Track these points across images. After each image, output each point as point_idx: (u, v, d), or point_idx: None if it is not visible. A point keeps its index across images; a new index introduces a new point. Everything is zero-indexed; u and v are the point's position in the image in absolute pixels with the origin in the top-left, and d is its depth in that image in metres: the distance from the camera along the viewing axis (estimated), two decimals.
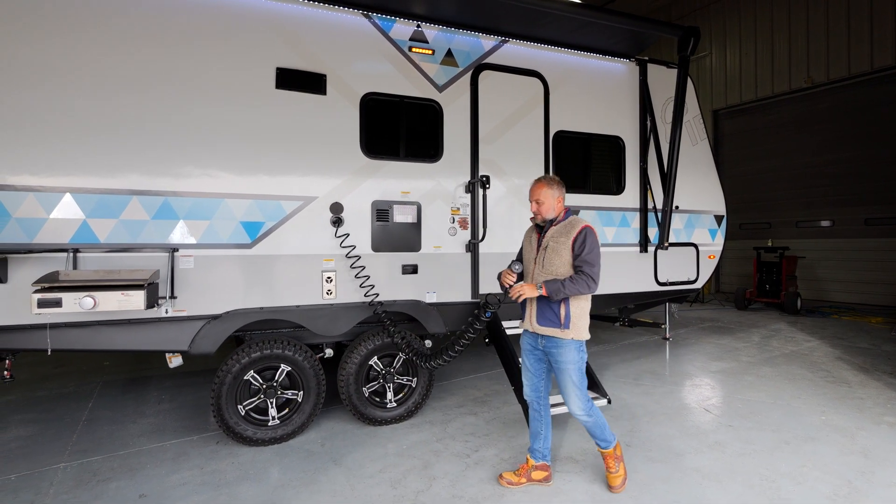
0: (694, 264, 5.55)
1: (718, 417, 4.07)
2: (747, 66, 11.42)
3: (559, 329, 2.75)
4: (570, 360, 2.76)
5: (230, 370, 3.49)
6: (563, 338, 2.76)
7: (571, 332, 2.74)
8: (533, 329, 2.87)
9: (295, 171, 3.72)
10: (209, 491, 2.98)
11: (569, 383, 2.79)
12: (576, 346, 2.77)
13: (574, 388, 2.79)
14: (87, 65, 3.17)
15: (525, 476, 3.00)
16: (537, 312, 2.83)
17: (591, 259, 2.71)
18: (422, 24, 4.20)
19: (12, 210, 3.01)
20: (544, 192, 2.86)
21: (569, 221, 2.84)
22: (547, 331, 2.80)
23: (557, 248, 2.78)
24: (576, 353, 2.77)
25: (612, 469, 2.92)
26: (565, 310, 2.73)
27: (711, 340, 6.93)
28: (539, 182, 2.90)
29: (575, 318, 2.75)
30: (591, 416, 2.85)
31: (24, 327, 3.08)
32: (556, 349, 2.79)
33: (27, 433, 3.87)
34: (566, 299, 2.74)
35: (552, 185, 2.87)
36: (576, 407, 2.81)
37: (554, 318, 2.76)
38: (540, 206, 2.88)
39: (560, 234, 2.81)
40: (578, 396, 2.80)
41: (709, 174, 5.72)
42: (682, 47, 5.00)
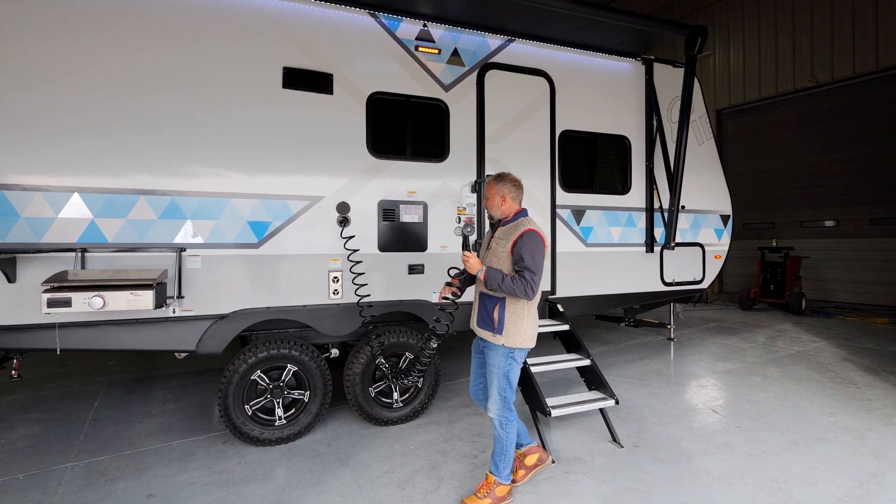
0: (700, 264, 5.53)
1: (726, 418, 4.05)
2: (751, 66, 11.39)
3: (491, 333, 2.73)
4: (497, 365, 2.73)
5: (237, 370, 3.49)
6: (493, 342, 2.73)
7: (503, 338, 2.68)
8: (473, 329, 2.88)
9: (301, 171, 3.71)
10: (217, 491, 2.97)
11: (493, 386, 2.77)
12: (504, 352, 2.71)
13: (496, 392, 2.75)
14: (94, 65, 3.17)
15: (522, 468, 3.04)
16: (477, 315, 2.83)
17: (532, 266, 2.56)
18: (428, 24, 4.19)
19: (20, 210, 3.00)
20: (491, 188, 2.80)
21: (515, 223, 2.73)
22: (482, 333, 2.80)
23: (497, 249, 2.72)
24: (503, 360, 2.72)
25: (479, 493, 2.75)
26: (499, 314, 2.68)
27: (716, 341, 6.91)
28: (491, 182, 2.83)
29: (508, 324, 2.67)
30: (503, 430, 2.77)
31: (32, 327, 3.08)
32: (488, 351, 2.81)
33: (34, 432, 3.87)
34: (501, 304, 2.67)
35: (500, 182, 2.79)
36: (492, 410, 2.77)
37: (489, 321, 2.73)
38: (486, 200, 2.84)
39: (503, 237, 2.73)
40: (497, 401, 2.75)
41: (715, 174, 5.70)
42: (689, 46, 4.99)
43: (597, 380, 3.88)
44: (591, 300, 4.93)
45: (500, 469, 2.78)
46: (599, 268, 4.93)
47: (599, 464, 3.27)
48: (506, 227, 2.76)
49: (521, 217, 2.76)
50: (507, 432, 2.77)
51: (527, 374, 3.65)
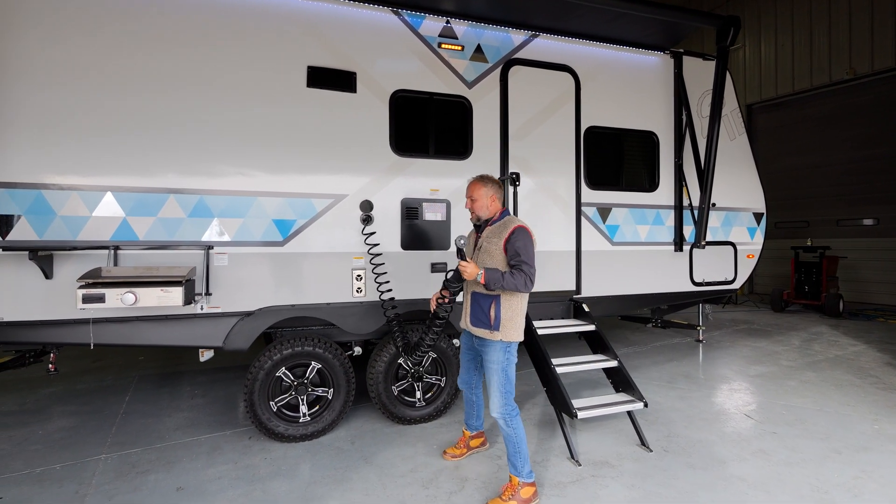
0: (731, 264, 5.35)
1: (761, 424, 3.89)
2: (783, 59, 10.98)
3: (488, 330, 2.79)
4: (496, 361, 2.81)
5: (262, 366, 3.53)
6: (491, 339, 2.80)
7: (500, 333, 2.77)
8: (467, 328, 2.96)
9: (325, 169, 3.73)
10: (243, 485, 3.01)
11: (493, 382, 2.83)
12: (502, 347, 2.79)
13: (496, 389, 2.81)
14: (125, 66, 3.24)
15: (465, 446, 3.34)
16: (471, 313, 2.89)
17: (528, 259, 2.69)
18: (451, 20, 4.16)
19: (57, 208, 3.10)
20: (478, 190, 2.89)
21: (503, 222, 2.84)
22: (477, 331, 2.86)
23: (490, 248, 2.80)
24: (501, 354, 2.79)
25: (503, 496, 2.74)
26: (495, 311, 2.76)
27: (748, 343, 6.67)
28: (474, 180, 2.94)
29: (504, 319, 2.76)
30: (509, 427, 2.78)
31: (68, 322, 3.17)
32: (484, 348, 2.87)
33: (70, 424, 3.99)
34: (497, 301, 2.76)
35: (486, 184, 2.89)
36: (495, 408, 2.81)
37: (485, 318, 2.80)
38: (473, 202, 2.91)
39: (493, 235, 2.82)
40: (499, 398, 2.80)
41: (747, 170, 5.50)
42: (721, 38, 4.81)
43: (624, 381, 3.78)
44: (617, 300, 4.81)
45: (520, 468, 2.77)
46: (626, 267, 4.81)
47: (628, 468, 3.18)
48: (494, 226, 2.87)
49: (507, 215, 2.91)
50: (514, 428, 2.79)
51: (552, 374, 3.58)
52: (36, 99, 3.06)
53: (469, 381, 3.27)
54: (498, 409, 2.79)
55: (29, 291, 3.07)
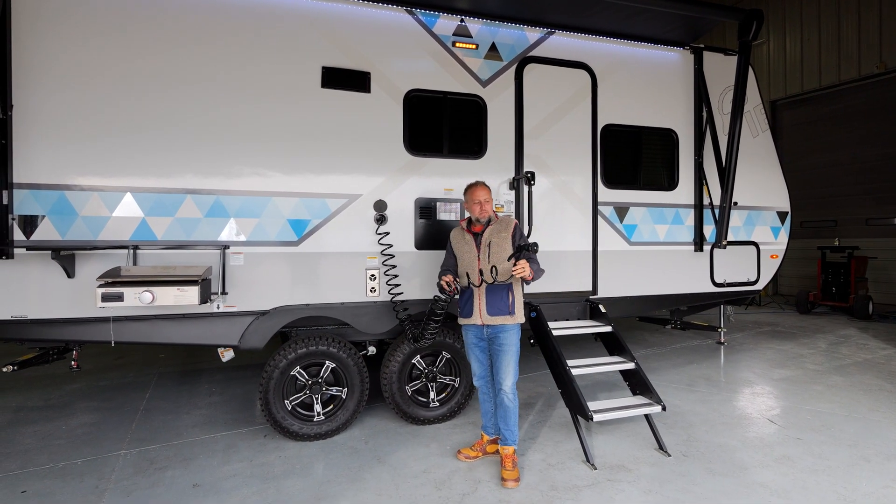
0: (754, 264, 5.19)
1: (785, 429, 3.77)
2: (810, 53, 10.64)
3: (509, 316, 3.12)
4: (513, 343, 3.13)
5: (277, 365, 3.55)
6: (511, 323, 3.12)
7: (517, 316, 3.15)
8: (483, 321, 3.15)
9: (339, 170, 3.74)
10: (258, 483, 3.03)
11: (510, 362, 3.11)
12: (517, 329, 3.17)
13: (513, 366, 3.13)
14: (143, 68, 3.30)
15: (481, 450, 3.36)
16: (487, 304, 3.14)
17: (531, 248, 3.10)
18: (466, 19, 4.13)
19: (79, 209, 3.17)
20: (488, 195, 3.26)
21: (502, 220, 3.26)
22: (497, 319, 3.12)
23: (501, 242, 3.16)
24: (516, 336, 3.16)
25: (507, 466, 3.06)
26: (511, 297, 3.14)
27: (771, 346, 6.48)
28: (483, 186, 3.27)
29: (517, 303, 3.17)
30: (516, 400, 3.16)
31: (89, 320, 3.25)
32: (503, 333, 3.13)
33: (92, 420, 4.09)
34: (511, 290, 3.16)
35: (490, 190, 3.32)
36: (509, 384, 3.12)
37: (504, 306, 3.13)
38: (485, 204, 3.22)
39: (499, 231, 3.20)
40: (514, 374, 3.13)
41: (771, 168, 5.34)
42: (744, 32, 4.68)
43: (641, 384, 3.70)
44: (634, 301, 4.72)
45: (516, 435, 3.15)
46: (644, 267, 4.71)
47: (645, 472, 3.11)
48: (495, 225, 3.23)
49: (501, 215, 3.40)
50: (516, 401, 3.16)
51: (567, 375, 3.53)
52: (57, 101, 3.14)
53: (485, 376, 3.32)
54: (511, 384, 3.12)
55: (52, 290, 3.15)
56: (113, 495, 2.91)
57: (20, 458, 3.39)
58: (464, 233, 3.28)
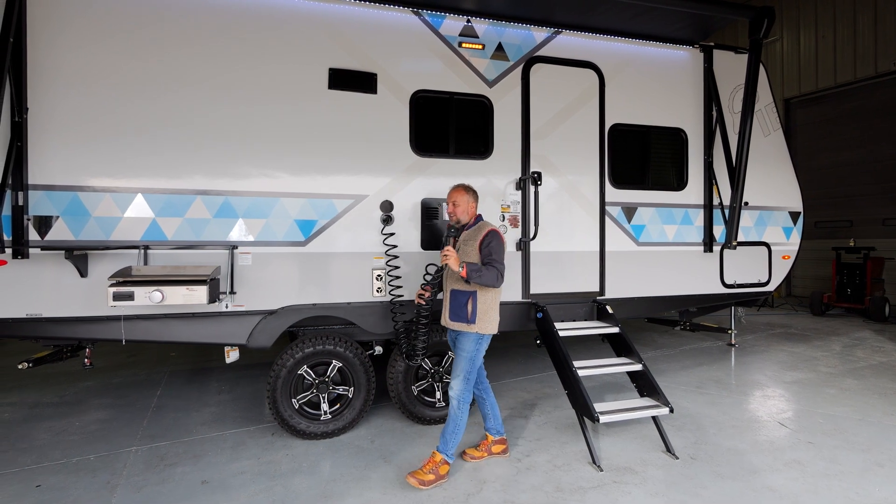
0: (765, 265, 5.12)
1: (796, 433, 3.71)
2: (824, 50, 10.45)
3: (466, 324, 3.06)
4: (466, 349, 3.07)
5: (285, 364, 3.59)
6: (467, 331, 3.06)
7: (476, 326, 3.04)
8: (446, 324, 3.16)
9: (346, 170, 3.76)
10: (265, 481, 3.06)
11: (459, 367, 3.07)
12: (475, 338, 3.06)
13: (461, 373, 3.06)
14: (154, 71, 3.36)
15: (486, 451, 3.34)
16: (450, 309, 3.12)
17: (498, 257, 3.00)
18: (472, 19, 4.13)
19: (92, 209, 3.24)
20: (461, 197, 3.18)
21: (478, 226, 3.15)
22: (455, 325, 3.11)
23: (467, 250, 3.08)
24: (472, 345, 3.06)
25: (424, 468, 2.99)
26: (472, 306, 3.03)
27: (784, 348, 6.38)
28: (458, 187, 3.22)
29: (480, 312, 3.04)
30: (460, 410, 3.05)
31: (101, 318, 3.31)
32: (459, 337, 3.13)
33: (104, 416, 4.17)
34: (473, 296, 3.03)
35: (469, 192, 3.21)
36: (454, 389, 3.06)
37: (462, 313, 3.06)
38: (456, 207, 3.18)
39: (469, 238, 3.11)
40: (461, 382, 3.05)
41: (783, 167, 5.26)
42: (755, 30, 4.61)
43: (649, 386, 3.67)
44: (642, 302, 4.68)
45: (449, 447, 3.04)
46: (652, 268, 4.67)
47: (652, 475, 3.09)
48: (469, 230, 3.15)
49: (481, 220, 3.22)
50: (463, 412, 3.06)
51: (573, 377, 3.51)
52: (70, 103, 3.20)
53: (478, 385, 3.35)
54: (457, 390, 3.05)
55: (66, 289, 3.22)
56: (124, 491, 2.96)
57: (35, 452, 3.46)
58: (448, 237, 3.24)
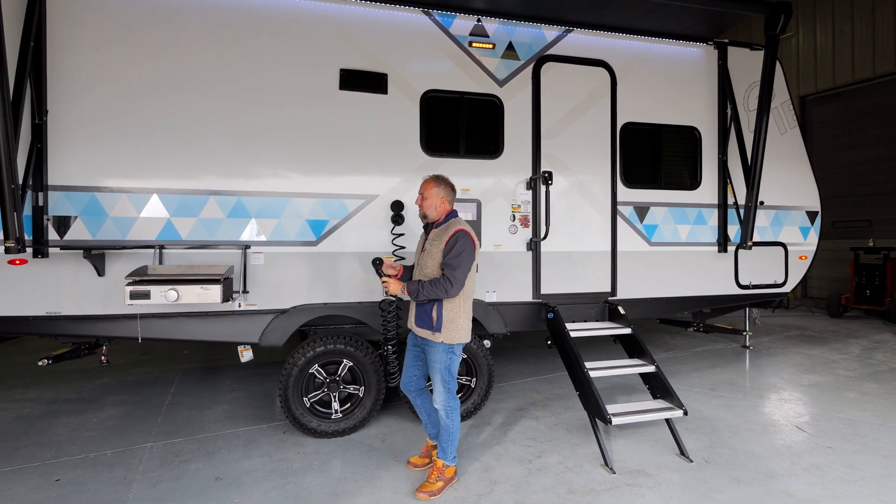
0: (782, 265, 5.03)
1: (814, 437, 3.64)
2: (842, 46, 10.24)
3: (431, 332, 2.87)
4: (439, 361, 2.90)
5: (296, 363, 3.61)
6: (433, 340, 2.88)
7: (442, 335, 2.85)
8: (412, 329, 3.02)
9: (357, 170, 3.78)
10: (277, 479, 3.09)
11: (436, 380, 2.93)
12: (444, 348, 2.88)
13: (440, 385, 2.92)
14: (169, 73, 3.41)
15: (429, 457, 3.21)
16: (415, 315, 2.96)
17: (454, 262, 2.76)
18: (482, 18, 4.13)
19: (109, 210, 3.29)
20: (430, 189, 2.93)
21: (447, 224, 2.90)
22: (421, 332, 2.94)
23: (431, 250, 2.88)
24: (444, 355, 2.89)
25: (430, 479, 2.92)
26: (437, 313, 2.84)
27: (800, 350, 6.27)
28: (429, 178, 2.99)
29: (446, 321, 2.84)
30: (449, 419, 2.95)
31: (118, 317, 3.37)
32: (428, 348, 2.95)
33: (120, 413, 4.24)
34: (439, 303, 2.83)
35: (439, 184, 2.94)
36: (438, 401, 2.95)
37: (428, 320, 2.88)
38: (423, 200, 2.95)
39: (436, 238, 2.89)
40: (442, 393, 2.92)
41: (800, 166, 5.16)
42: (770, 26, 4.54)
43: (662, 388, 3.63)
44: (655, 303, 4.63)
45: (448, 454, 2.97)
46: (665, 268, 4.62)
47: (666, 478, 3.05)
48: (438, 228, 2.93)
49: (453, 218, 2.95)
50: (453, 420, 2.96)
51: (584, 378, 3.49)
52: (87, 105, 3.26)
53: (410, 385, 3.16)
54: (441, 402, 2.93)
55: (84, 288, 3.28)
56: (140, 486, 3.00)
57: (54, 447, 3.53)
58: (423, 233, 3.12)
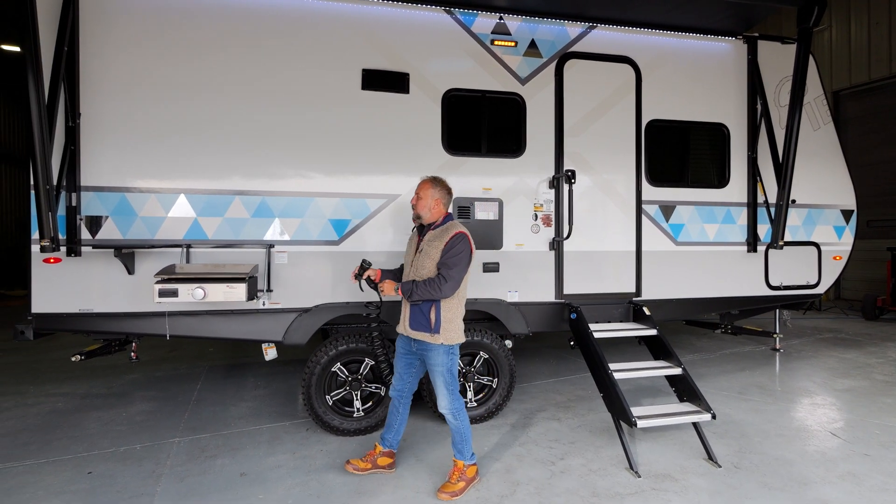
0: (815, 266, 4.86)
1: (849, 444, 3.50)
2: (878, 38, 9.84)
3: (429, 334, 2.84)
4: (440, 363, 2.87)
5: (319, 362, 3.64)
6: (432, 342, 2.84)
7: (441, 336, 2.83)
8: (406, 333, 2.95)
9: (379, 170, 3.80)
10: (301, 476, 3.12)
11: (439, 383, 2.90)
12: (444, 350, 2.86)
13: (443, 388, 2.89)
14: (197, 75, 3.48)
15: (371, 462, 3.11)
16: (410, 317, 2.90)
17: (451, 262, 2.77)
18: (504, 16, 4.09)
19: (138, 210, 3.38)
20: (426, 190, 2.93)
21: (445, 227, 2.90)
22: (418, 335, 2.89)
23: (430, 251, 2.86)
24: (445, 357, 2.87)
25: (451, 479, 2.89)
26: (435, 314, 2.82)
27: (834, 354, 6.04)
28: (425, 179, 2.98)
29: (445, 322, 2.83)
30: (457, 420, 2.91)
31: (147, 314, 3.45)
32: (426, 352, 2.90)
33: (149, 408, 4.35)
34: (437, 304, 2.81)
35: (435, 186, 2.93)
36: (443, 406, 2.91)
37: (425, 322, 2.84)
38: (418, 200, 2.94)
39: (434, 239, 2.88)
40: (446, 396, 2.89)
41: (834, 163, 4.98)
42: (803, 18, 4.38)
43: (689, 390, 3.54)
44: (681, 304, 4.52)
45: (465, 453, 2.92)
46: (692, 269, 4.51)
47: (693, 483, 2.97)
48: (436, 230, 2.91)
49: (450, 220, 2.96)
50: (461, 420, 2.92)
51: (609, 379, 3.42)
52: (117, 107, 3.35)
53: (402, 390, 3.09)
54: (446, 405, 2.90)
55: (114, 286, 3.37)
56: (168, 480, 3.07)
57: (86, 441, 3.64)
58: (414, 235, 3.07)
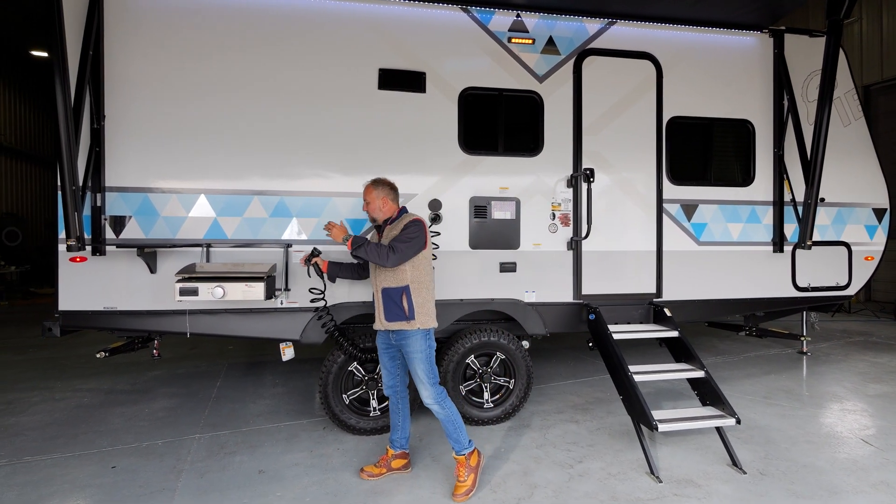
0: (845, 267, 4.69)
1: (883, 452, 3.36)
2: None
3: (406, 321, 2.89)
4: (418, 349, 2.90)
5: (336, 360, 3.66)
6: (410, 329, 2.89)
7: (417, 321, 2.89)
8: (384, 327, 2.98)
9: (395, 169, 3.77)
10: (318, 474, 3.13)
11: (418, 371, 2.91)
12: (422, 334, 2.91)
13: (423, 377, 2.90)
14: (216, 76, 3.53)
15: (385, 466, 3.10)
16: (385, 310, 2.94)
17: (403, 238, 2.86)
18: (521, 13, 4.05)
19: (160, 210, 3.44)
20: (370, 194, 3.04)
21: (401, 218, 3.00)
22: (395, 325, 2.92)
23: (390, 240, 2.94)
24: (423, 342, 2.91)
25: (460, 478, 2.87)
26: (407, 302, 2.88)
27: (865, 358, 5.82)
28: (367, 184, 3.08)
29: (417, 306, 2.90)
30: (444, 409, 2.91)
31: (168, 312, 3.51)
32: (404, 340, 2.93)
33: (170, 405, 4.43)
34: (406, 291, 2.88)
35: (377, 186, 3.04)
36: (425, 396, 2.92)
37: (399, 311, 2.89)
38: (367, 205, 3.07)
39: (392, 230, 2.97)
40: (428, 385, 2.90)
41: (865, 160, 4.79)
42: (833, 10, 4.23)
43: (712, 394, 3.45)
44: (703, 305, 4.41)
45: (462, 441, 2.92)
46: (715, 269, 4.39)
47: (717, 489, 2.89)
48: (392, 224, 3.01)
49: (405, 213, 3.07)
50: (448, 408, 2.93)
51: (629, 382, 3.36)
52: (140, 109, 3.42)
53: (395, 386, 3.13)
54: (430, 396, 2.90)
55: (137, 284, 3.44)
56: (189, 476, 3.12)
57: (110, 436, 3.73)
58: (374, 233, 3.16)
